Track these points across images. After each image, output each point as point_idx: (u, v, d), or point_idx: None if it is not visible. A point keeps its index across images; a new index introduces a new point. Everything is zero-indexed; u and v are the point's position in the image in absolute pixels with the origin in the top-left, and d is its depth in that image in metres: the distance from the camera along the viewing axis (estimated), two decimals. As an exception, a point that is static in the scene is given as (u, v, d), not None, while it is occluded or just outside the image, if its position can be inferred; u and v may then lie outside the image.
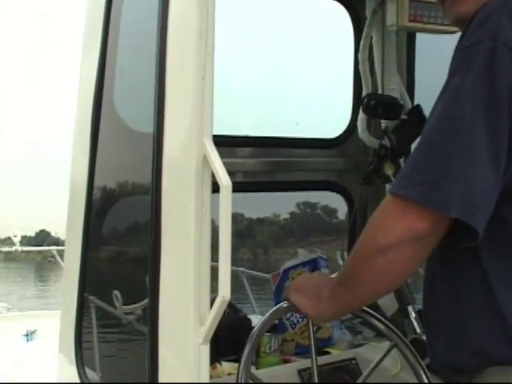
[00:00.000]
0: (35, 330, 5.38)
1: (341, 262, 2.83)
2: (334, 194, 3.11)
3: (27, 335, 5.34)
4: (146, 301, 1.88)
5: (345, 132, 3.04)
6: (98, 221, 2.30)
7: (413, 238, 1.42)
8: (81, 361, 2.19)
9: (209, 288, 1.47)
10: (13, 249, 6.43)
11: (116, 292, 1.98)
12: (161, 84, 1.65)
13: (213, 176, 1.45)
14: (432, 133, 1.49)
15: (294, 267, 2.63)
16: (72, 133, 2.42)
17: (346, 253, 2.92)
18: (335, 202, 3.36)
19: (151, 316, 1.63)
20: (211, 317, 1.43)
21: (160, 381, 1.60)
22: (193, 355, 1.47)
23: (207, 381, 1.48)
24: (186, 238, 1.50)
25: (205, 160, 1.46)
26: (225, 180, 1.40)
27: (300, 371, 2.22)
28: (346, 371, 2.16)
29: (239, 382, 1.70)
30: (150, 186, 1.68)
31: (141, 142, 2.01)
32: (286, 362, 2.44)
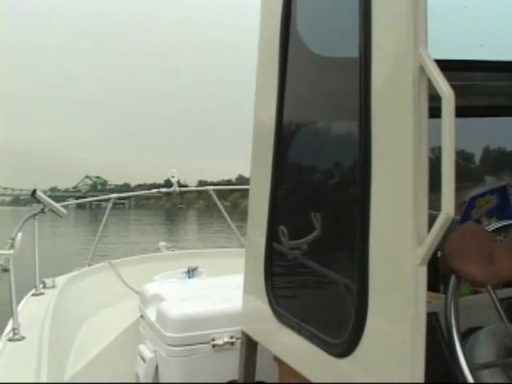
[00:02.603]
0: (196, 267, 5.54)
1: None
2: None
3: (189, 272, 5.51)
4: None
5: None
6: (288, 157, 2.25)
7: None
8: (274, 300, 2.20)
9: (427, 204, 1.40)
10: (171, 189, 6.60)
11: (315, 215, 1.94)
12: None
13: None
14: None
15: (482, 195, 2.49)
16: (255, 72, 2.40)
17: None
18: (471, 146, 3.19)
19: (361, 238, 1.59)
20: (432, 235, 1.35)
21: (371, 306, 1.57)
22: (410, 277, 1.41)
23: (424, 306, 1.42)
24: (403, 153, 1.43)
25: (421, 71, 1.38)
26: (447, 90, 1.31)
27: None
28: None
29: (448, 309, 1.66)
30: (356, 108, 1.62)
31: (336, 67, 1.95)
32: (475, 292, 2.36)
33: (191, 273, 5.50)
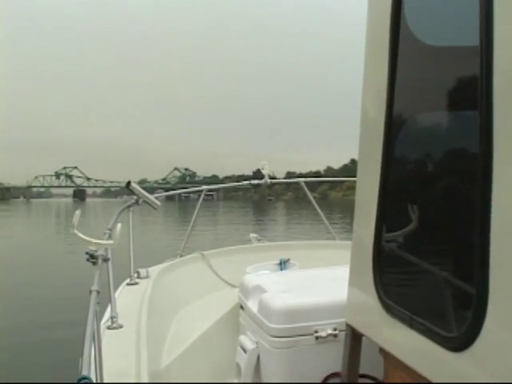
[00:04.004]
0: (288, 259, 5.51)
1: None
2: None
3: (280, 264, 5.49)
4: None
5: None
6: (399, 149, 2.20)
7: None
8: (384, 293, 2.18)
9: None
10: (262, 181, 6.55)
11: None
12: None
13: None
14: None
15: None
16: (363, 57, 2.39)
17: None
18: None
19: (481, 230, 1.56)
20: None
21: (491, 298, 1.54)
22: None
23: None
24: None
25: None
26: None
27: None
28: None
29: None
30: (473, 97, 1.58)
31: (450, 56, 1.90)
32: None
33: (283, 264, 5.48)
